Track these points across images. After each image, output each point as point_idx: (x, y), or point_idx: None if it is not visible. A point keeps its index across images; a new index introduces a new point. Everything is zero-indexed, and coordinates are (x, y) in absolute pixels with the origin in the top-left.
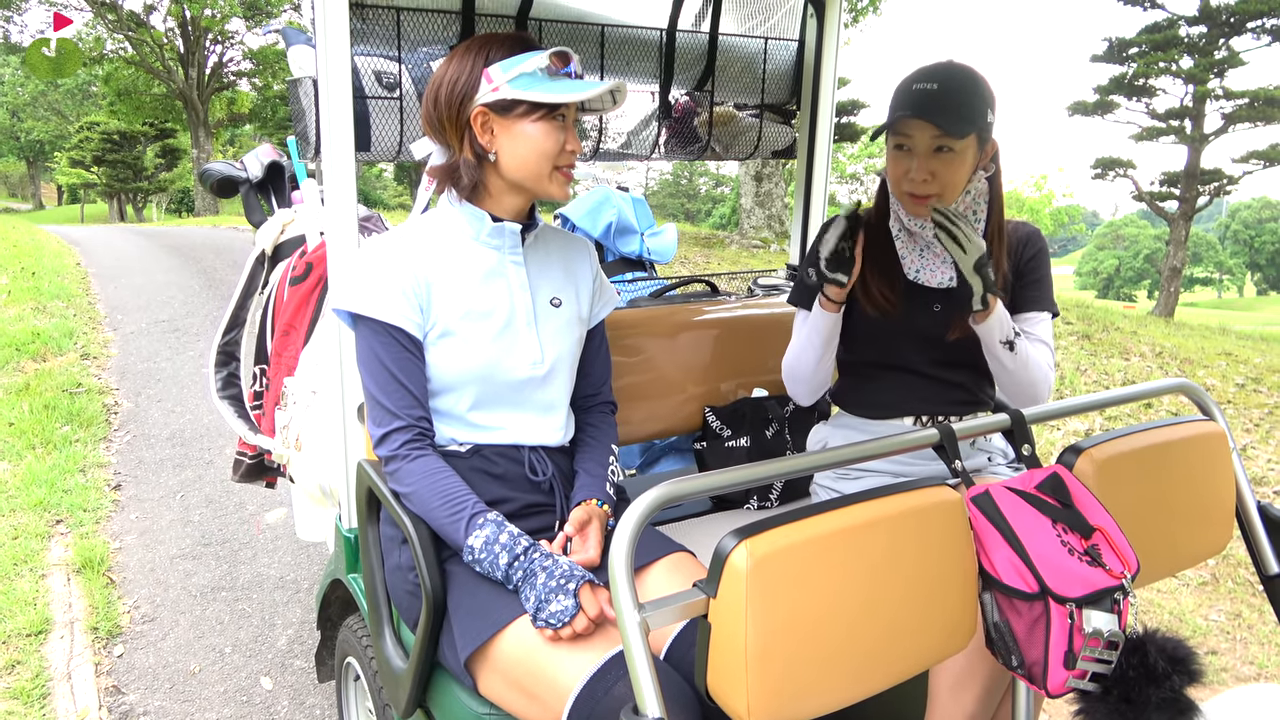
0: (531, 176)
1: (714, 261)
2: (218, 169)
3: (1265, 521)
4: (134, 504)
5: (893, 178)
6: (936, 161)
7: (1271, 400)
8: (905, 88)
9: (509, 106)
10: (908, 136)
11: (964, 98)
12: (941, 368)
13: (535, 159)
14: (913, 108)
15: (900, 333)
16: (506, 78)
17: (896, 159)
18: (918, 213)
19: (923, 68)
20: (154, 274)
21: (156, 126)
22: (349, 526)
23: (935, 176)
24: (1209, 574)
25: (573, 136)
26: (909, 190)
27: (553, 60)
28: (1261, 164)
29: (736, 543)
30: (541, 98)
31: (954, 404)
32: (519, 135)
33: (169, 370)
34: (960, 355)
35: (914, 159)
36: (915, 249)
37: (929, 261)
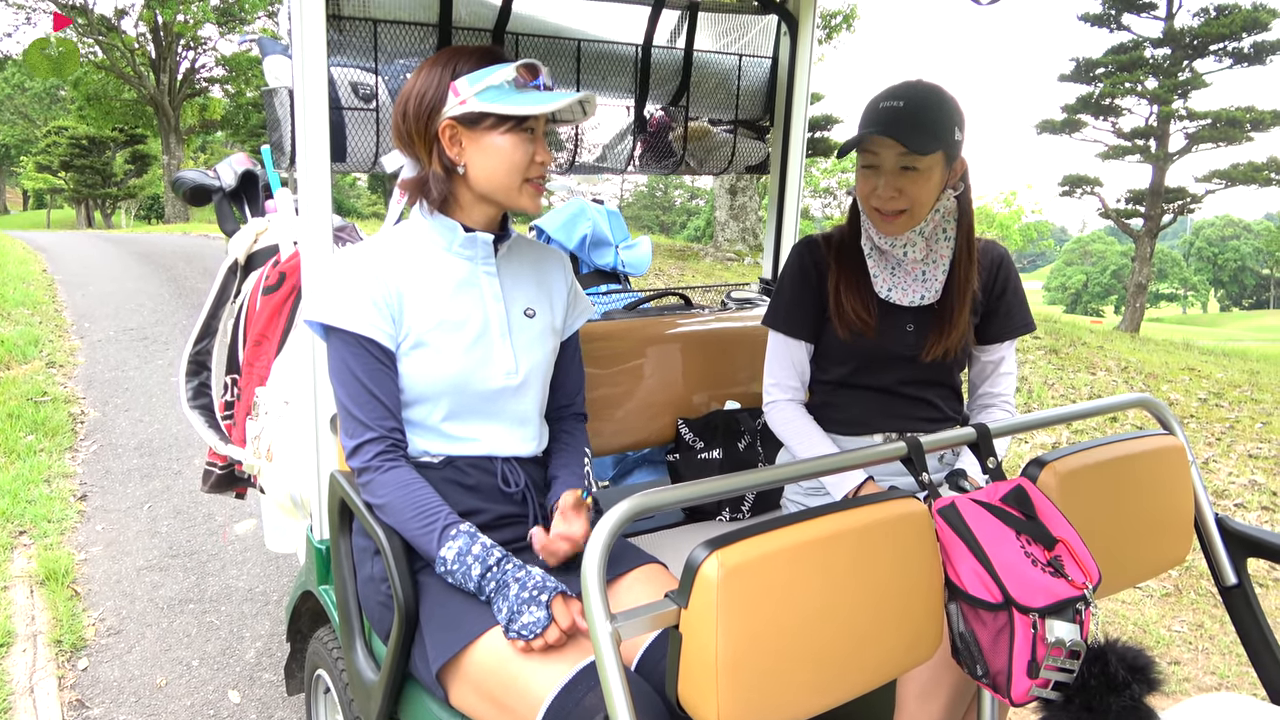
0: (501, 189)
1: (688, 274)
2: (191, 177)
3: (1223, 534)
4: (100, 515)
5: (861, 195)
6: (903, 179)
7: (1232, 415)
8: (873, 106)
9: (476, 119)
10: (874, 154)
11: (930, 115)
12: (913, 386)
13: (504, 171)
14: (879, 125)
15: (874, 353)
16: (474, 90)
17: (865, 176)
18: (888, 230)
19: (891, 86)
20: (123, 281)
21: (126, 132)
22: (320, 537)
23: (902, 193)
24: (1172, 585)
25: (543, 148)
26: (877, 206)
27: (520, 72)
28: (1223, 183)
29: (708, 554)
30: (508, 110)
31: (924, 420)
32: (487, 148)
33: (137, 379)
34: (933, 374)
35: (881, 176)
36: (886, 267)
37: (900, 280)
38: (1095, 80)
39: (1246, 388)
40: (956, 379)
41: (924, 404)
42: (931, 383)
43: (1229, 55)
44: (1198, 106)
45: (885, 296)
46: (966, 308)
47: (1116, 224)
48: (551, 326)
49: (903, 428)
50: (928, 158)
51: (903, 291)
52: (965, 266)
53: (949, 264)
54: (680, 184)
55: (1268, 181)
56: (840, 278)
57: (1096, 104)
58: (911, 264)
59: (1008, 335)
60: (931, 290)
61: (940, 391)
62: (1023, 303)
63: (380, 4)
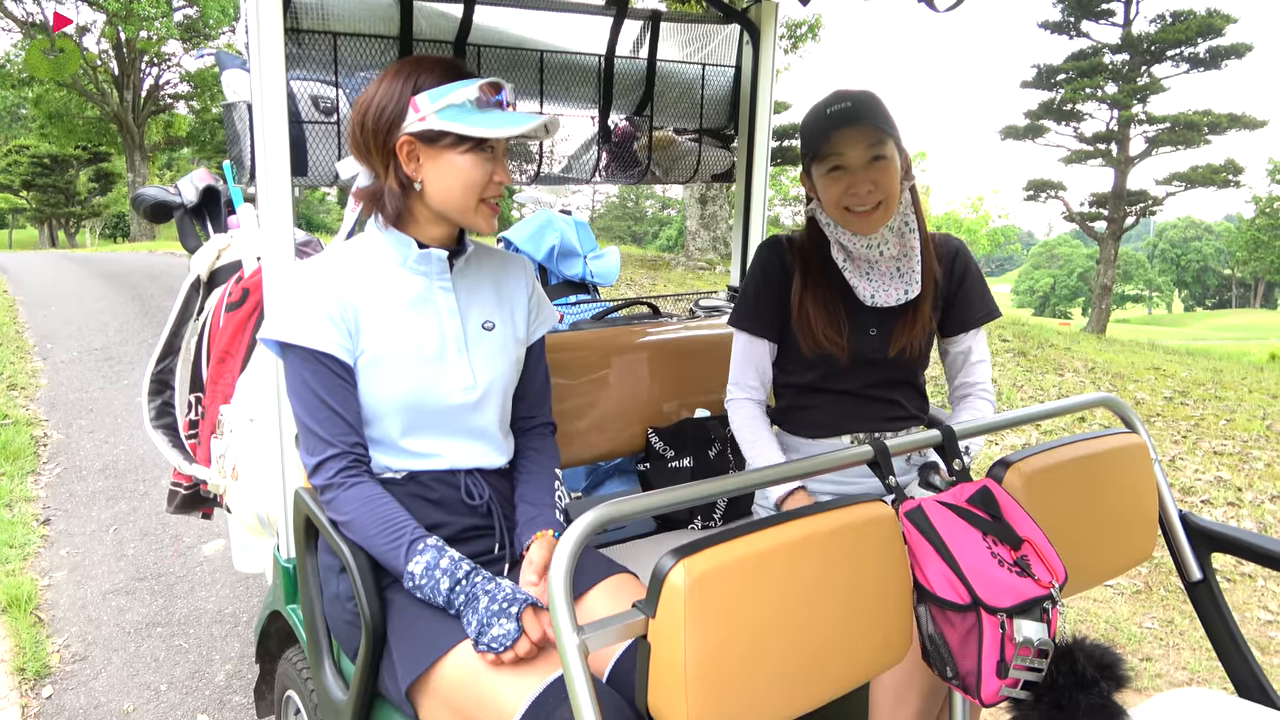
0: (456, 208)
1: (660, 283)
2: (151, 194)
3: (1187, 530)
4: (64, 539)
5: (832, 199)
6: (874, 171)
7: (1197, 412)
8: (819, 116)
9: (436, 137)
10: (841, 155)
11: (878, 107)
12: (879, 388)
13: (460, 191)
14: (841, 123)
15: (839, 360)
16: (434, 108)
17: (833, 180)
18: (865, 229)
19: (830, 95)
20: (86, 301)
21: (90, 150)
22: (287, 556)
23: (877, 185)
24: (1142, 583)
25: (501, 168)
26: (853, 206)
27: (483, 90)
28: (1183, 185)
29: (674, 562)
30: (468, 130)
31: (890, 420)
32: (445, 166)
33: (102, 400)
34: (897, 374)
35: (852, 174)
36: (862, 272)
37: (881, 283)
38: (1056, 86)
39: (1210, 386)
40: (920, 378)
41: (889, 404)
42: (897, 383)
43: (1186, 60)
44: (1156, 111)
45: (871, 302)
46: (928, 301)
47: (1081, 227)
48: (514, 336)
49: (869, 428)
50: (891, 145)
51: (886, 293)
52: (928, 257)
53: (920, 255)
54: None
55: (1226, 183)
56: (808, 295)
57: (1058, 109)
58: (887, 262)
59: (973, 324)
60: (913, 284)
61: (905, 391)
62: (984, 290)
63: (339, 16)
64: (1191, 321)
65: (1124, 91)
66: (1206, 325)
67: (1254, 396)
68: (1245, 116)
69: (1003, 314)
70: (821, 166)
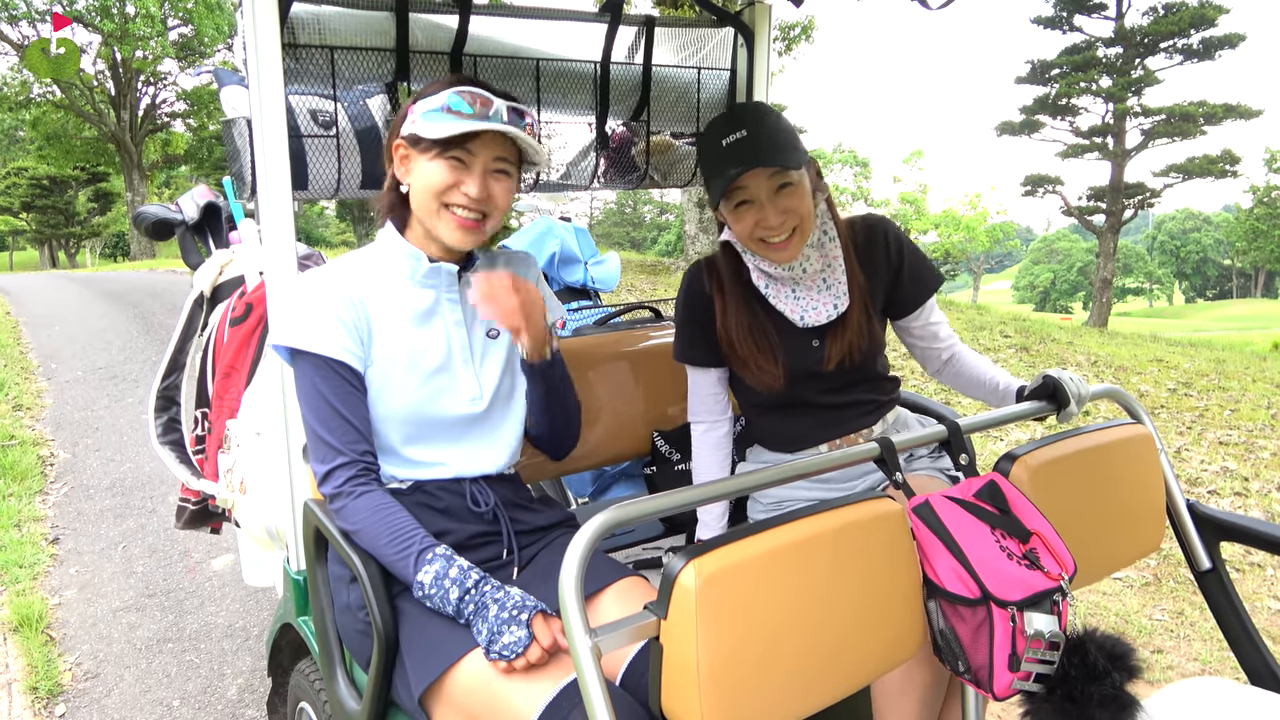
0: (424, 211)
1: (660, 288)
2: (152, 211)
3: (1195, 519)
4: (73, 557)
5: (744, 234)
6: (783, 199)
7: (1201, 404)
8: (713, 145)
9: (417, 140)
10: (744, 189)
11: (777, 132)
12: (836, 393)
13: (424, 193)
14: (739, 161)
15: (788, 378)
16: (419, 112)
17: (741, 215)
18: (784, 258)
19: (716, 122)
20: (89, 320)
21: (88, 170)
22: (297, 568)
23: (789, 212)
24: (1151, 574)
25: (474, 180)
26: (764, 238)
27: (467, 100)
28: (1181, 177)
29: (684, 563)
30: (428, 132)
31: (860, 417)
32: (419, 169)
33: (107, 419)
34: (850, 375)
35: (760, 207)
36: (788, 294)
37: (809, 300)
38: (1051, 81)
39: (1214, 376)
40: (880, 364)
41: (854, 405)
42: (855, 382)
43: (1179, 52)
44: (1152, 103)
45: (802, 323)
46: (858, 307)
47: (1080, 221)
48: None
49: (843, 433)
50: (799, 170)
51: (816, 310)
52: (851, 262)
53: (844, 262)
54: (649, 199)
55: (1223, 174)
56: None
57: (1053, 104)
58: (811, 278)
59: (926, 296)
60: (841, 296)
61: (867, 386)
62: (925, 260)
63: (336, 31)
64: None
65: (1118, 85)
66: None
67: (1258, 386)
68: (1241, 106)
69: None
70: (728, 203)
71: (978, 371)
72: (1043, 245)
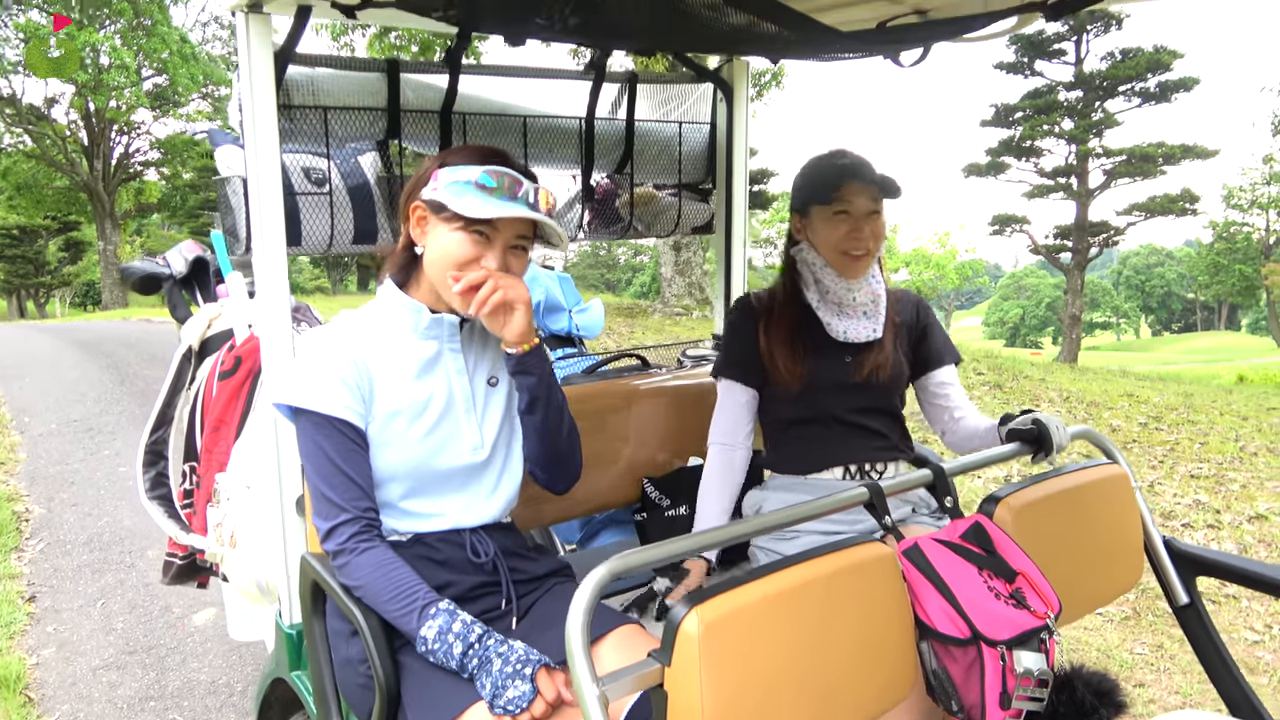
0: (439, 279)
1: (639, 331)
2: (139, 267)
3: (1171, 555)
4: (51, 615)
5: (832, 241)
6: (870, 222)
7: (1172, 437)
8: (831, 163)
9: (440, 208)
10: (848, 202)
11: (878, 171)
12: (862, 415)
13: (443, 263)
14: (852, 175)
15: (819, 387)
16: (445, 180)
17: (834, 224)
18: (854, 273)
19: (833, 150)
20: (62, 371)
21: (59, 220)
22: (291, 622)
23: (874, 236)
24: (1130, 609)
25: (495, 256)
26: (850, 249)
27: (495, 178)
28: (1143, 215)
29: (687, 610)
30: (457, 206)
31: (878, 450)
32: (440, 237)
33: (83, 472)
34: (878, 402)
35: (855, 221)
36: (834, 311)
37: (851, 321)
38: (1015, 124)
39: (1183, 410)
40: (898, 407)
41: (874, 434)
42: (878, 410)
43: (1137, 95)
44: (1112, 144)
45: (842, 338)
46: (890, 340)
47: (1047, 259)
48: (513, 387)
49: (859, 459)
50: (883, 204)
51: (857, 330)
52: (890, 306)
53: (884, 300)
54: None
55: (1183, 212)
56: (771, 334)
57: (1018, 146)
58: (856, 306)
59: (946, 359)
60: (879, 326)
61: (885, 421)
62: (946, 337)
63: (329, 92)
64: (1160, 346)
65: (1080, 127)
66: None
67: (1225, 419)
68: (1198, 147)
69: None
70: (827, 210)
71: (975, 425)
72: (1011, 282)
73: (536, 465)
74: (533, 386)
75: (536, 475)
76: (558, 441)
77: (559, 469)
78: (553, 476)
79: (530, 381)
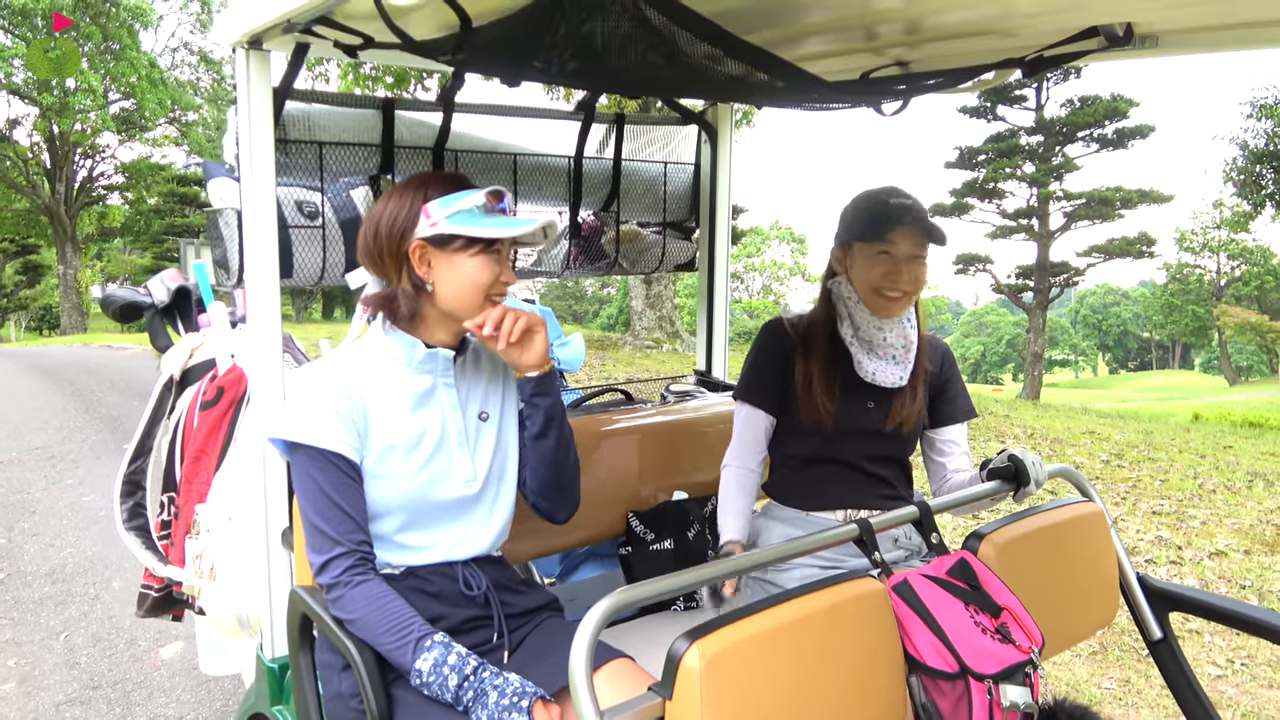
0: (465, 307)
1: (609, 363)
2: (121, 295)
3: (1145, 591)
4: (11, 648)
5: (870, 279)
6: (913, 266)
7: (1134, 474)
8: (881, 202)
9: (447, 240)
10: (893, 244)
11: (927, 217)
12: (873, 462)
13: (469, 290)
14: (903, 218)
15: (839, 429)
16: (445, 213)
17: (876, 262)
18: (890, 314)
19: (886, 187)
20: (20, 398)
21: (17, 243)
22: (273, 656)
23: (913, 279)
24: (1097, 643)
25: (507, 269)
26: (886, 290)
27: (488, 198)
28: (1102, 257)
29: (688, 644)
30: (478, 233)
31: (880, 498)
32: (457, 268)
33: (45, 501)
34: (891, 450)
35: (895, 264)
36: (865, 350)
37: (881, 364)
38: (978, 166)
39: (1143, 447)
40: (907, 456)
41: (880, 481)
42: (888, 459)
43: (1095, 141)
44: (1072, 188)
45: (871, 379)
46: (921, 386)
47: (1009, 298)
48: (506, 419)
49: (861, 503)
50: (928, 250)
51: (886, 374)
52: (922, 352)
53: (915, 349)
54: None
55: (1140, 254)
56: (809, 365)
57: (981, 188)
58: (888, 348)
59: (960, 416)
60: (907, 371)
61: (894, 470)
62: (965, 391)
63: (325, 128)
64: (1117, 384)
65: (1041, 170)
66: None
67: (1184, 457)
68: (1154, 192)
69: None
70: (870, 248)
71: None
72: (972, 319)
73: (541, 495)
74: (549, 408)
75: (539, 506)
76: (565, 466)
77: (563, 496)
78: (555, 505)
79: (548, 403)
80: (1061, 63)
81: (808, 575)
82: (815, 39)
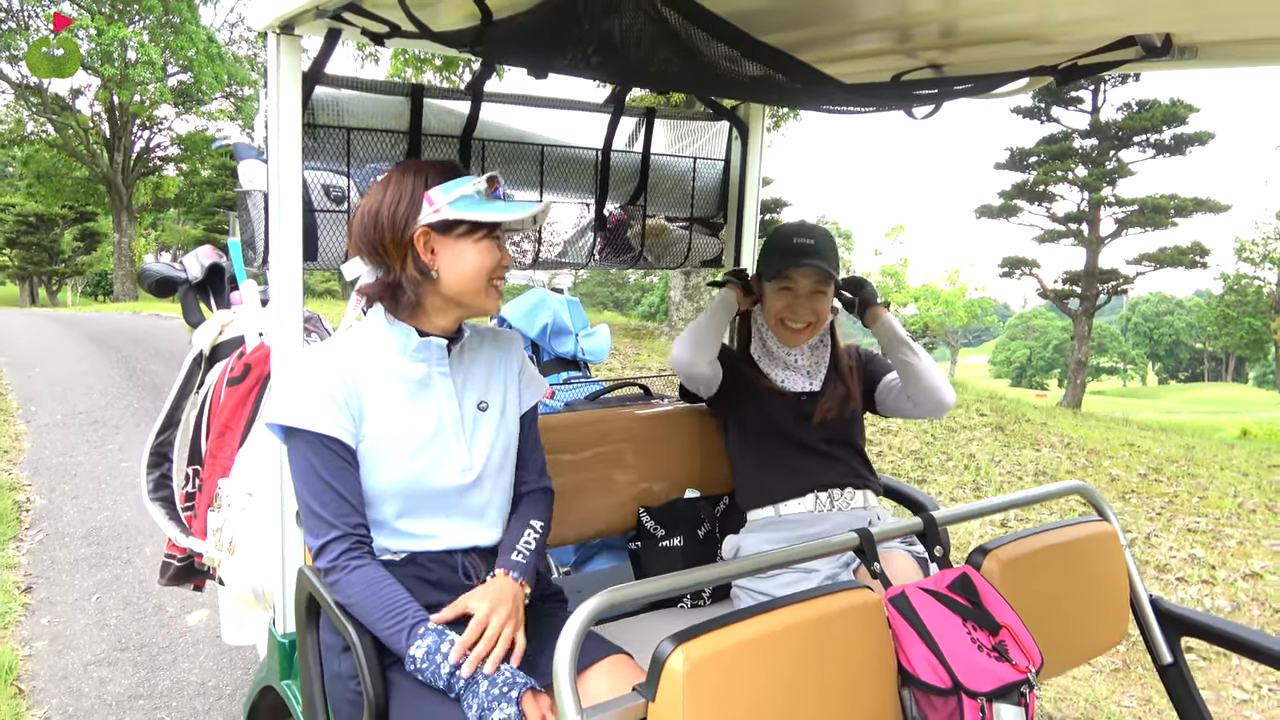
0: (469, 291)
1: (644, 353)
2: (156, 269)
3: (1158, 615)
4: (46, 607)
5: (774, 311)
6: (815, 300)
7: (1171, 490)
8: (785, 240)
9: (450, 226)
10: (794, 281)
11: (831, 251)
12: (827, 444)
13: (474, 274)
14: (800, 256)
15: (784, 419)
16: (447, 199)
17: (779, 296)
18: (793, 342)
19: (793, 224)
20: (70, 363)
21: (76, 210)
22: (284, 631)
23: (815, 313)
24: (1120, 660)
25: (506, 253)
26: (790, 322)
27: (487, 183)
28: (1152, 266)
29: (674, 648)
30: (482, 218)
31: (844, 476)
32: (461, 253)
33: (86, 465)
34: (839, 433)
35: (796, 299)
36: (775, 364)
37: (787, 375)
38: (1029, 168)
39: (1183, 462)
40: (859, 442)
41: (838, 461)
42: (843, 443)
43: (1152, 146)
44: (1125, 194)
45: (781, 387)
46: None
47: (1055, 303)
48: (506, 412)
49: (829, 483)
50: (832, 282)
51: (793, 383)
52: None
53: (827, 364)
54: None
55: (1193, 264)
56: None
57: (1031, 190)
58: (796, 369)
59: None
60: (815, 383)
61: (848, 452)
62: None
63: (354, 113)
64: (1166, 394)
65: (1093, 175)
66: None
67: (1225, 474)
68: (1210, 201)
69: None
70: (774, 284)
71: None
72: (1020, 322)
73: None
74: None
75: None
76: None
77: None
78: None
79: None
80: (1096, 71)
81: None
82: (851, 40)
